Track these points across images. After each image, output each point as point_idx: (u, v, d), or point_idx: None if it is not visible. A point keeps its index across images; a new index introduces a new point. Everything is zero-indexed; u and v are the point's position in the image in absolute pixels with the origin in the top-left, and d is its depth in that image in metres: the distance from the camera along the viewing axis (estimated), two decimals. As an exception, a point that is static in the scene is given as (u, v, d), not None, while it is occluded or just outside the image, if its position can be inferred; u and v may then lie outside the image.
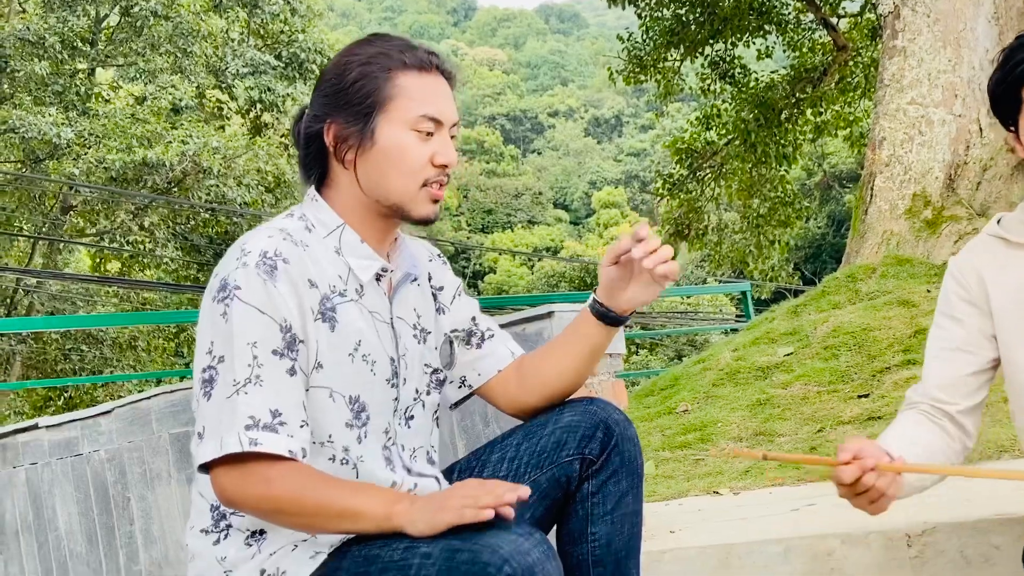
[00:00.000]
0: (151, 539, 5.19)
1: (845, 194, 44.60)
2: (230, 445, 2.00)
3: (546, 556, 1.89)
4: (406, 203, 2.23)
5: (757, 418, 5.85)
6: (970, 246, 2.58)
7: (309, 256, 2.16)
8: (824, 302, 7.50)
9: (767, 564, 3.23)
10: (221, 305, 2.06)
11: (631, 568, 2.42)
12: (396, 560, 1.96)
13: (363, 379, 2.20)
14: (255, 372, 2.03)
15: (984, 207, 8.09)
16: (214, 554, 2.15)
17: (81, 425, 5.52)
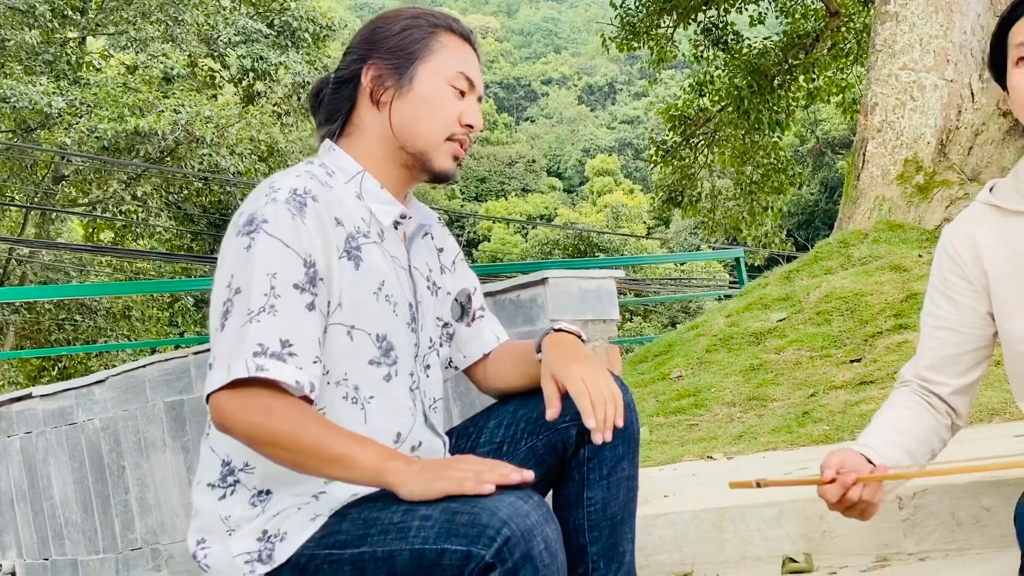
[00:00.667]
0: (146, 507, 5.20)
1: (838, 160, 44.57)
2: (237, 371, 1.98)
3: (545, 519, 1.90)
4: (430, 151, 2.27)
5: (750, 383, 5.87)
6: (963, 215, 2.58)
7: (335, 197, 2.18)
8: (817, 267, 7.52)
9: (760, 527, 3.25)
10: (246, 239, 2.06)
11: (626, 532, 2.43)
12: (396, 522, 1.96)
13: (388, 319, 2.21)
14: (270, 302, 2.03)
15: (976, 172, 8.08)
16: (218, 512, 2.15)
17: (75, 394, 5.52)
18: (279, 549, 2.08)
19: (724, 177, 22.03)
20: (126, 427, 5.24)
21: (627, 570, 2.44)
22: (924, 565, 2.91)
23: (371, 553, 1.98)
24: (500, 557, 1.85)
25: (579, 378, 2.19)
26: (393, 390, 2.22)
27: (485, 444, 2.46)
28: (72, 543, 5.64)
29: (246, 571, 2.10)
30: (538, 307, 3.72)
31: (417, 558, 1.92)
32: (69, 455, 5.58)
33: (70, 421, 5.55)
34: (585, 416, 2.15)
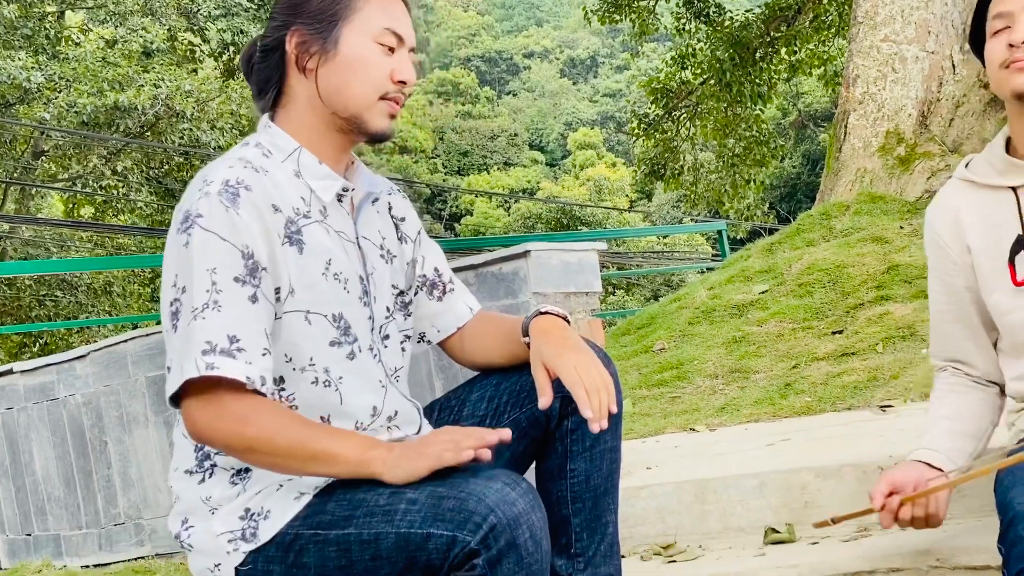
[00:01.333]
0: (129, 482, 5.20)
1: (820, 133, 44.58)
2: (188, 371, 1.99)
3: (531, 507, 1.91)
4: (363, 113, 2.22)
5: (733, 355, 5.88)
6: (942, 192, 2.60)
7: (271, 181, 2.15)
8: (799, 239, 7.52)
9: (742, 498, 3.26)
10: (184, 236, 2.05)
11: (610, 504, 2.45)
12: (382, 505, 1.97)
13: (340, 297, 2.20)
14: (213, 297, 2.01)
15: (957, 144, 8.09)
16: (199, 494, 2.15)
17: (56, 369, 5.51)
18: (263, 527, 2.09)
19: (706, 150, 22.02)
20: (108, 402, 5.23)
21: (610, 541, 2.46)
22: (906, 535, 2.92)
23: (357, 535, 1.99)
24: (485, 544, 1.87)
25: (572, 367, 2.20)
26: (359, 367, 2.22)
27: (468, 417, 2.47)
28: (55, 518, 5.63)
29: (229, 549, 2.10)
30: (520, 280, 3.72)
31: (403, 541, 1.93)
32: (51, 430, 5.57)
33: (51, 396, 5.53)
34: (581, 406, 2.15)
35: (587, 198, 47.07)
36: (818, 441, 3.84)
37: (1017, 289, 2.41)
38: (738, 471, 3.36)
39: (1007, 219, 2.43)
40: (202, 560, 2.15)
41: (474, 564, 1.88)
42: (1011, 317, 2.43)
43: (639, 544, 3.36)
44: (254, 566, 2.09)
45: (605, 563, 2.44)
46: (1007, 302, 2.43)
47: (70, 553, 5.56)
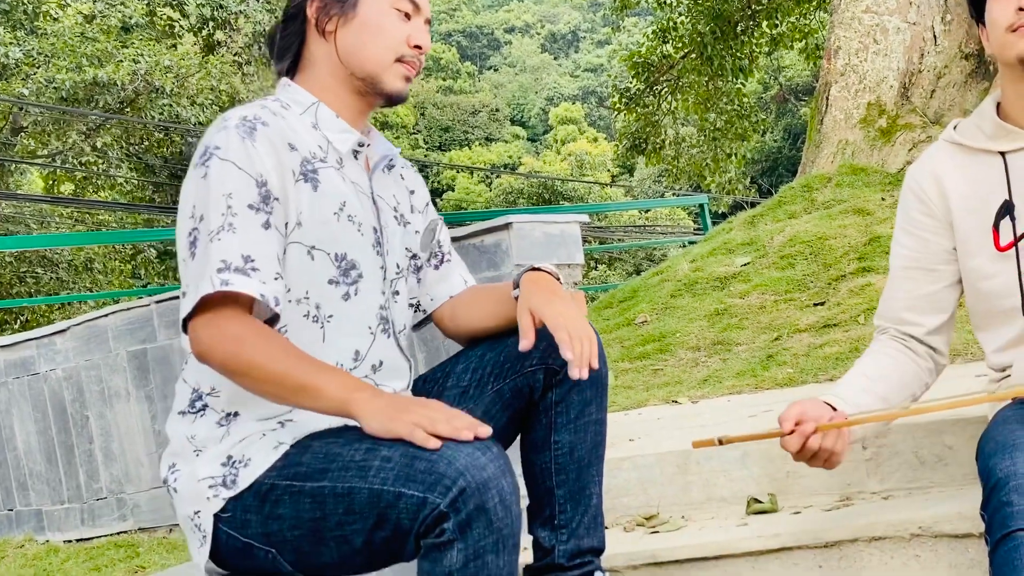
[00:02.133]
0: (111, 457, 5.19)
1: (801, 107, 44.59)
2: (204, 288, 2.02)
3: (501, 472, 1.91)
4: (380, 74, 2.29)
5: (715, 328, 5.89)
6: (927, 153, 2.59)
7: (287, 124, 2.22)
8: (780, 212, 7.53)
9: (724, 469, 3.27)
10: (203, 168, 2.11)
11: (594, 475, 2.46)
12: (357, 460, 1.98)
13: (351, 239, 2.23)
14: (228, 220, 2.06)
15: (938, 115, 8.11)
16: (185, 433, 2.19)
17: (37, 344, 5.50)
18: (243, 475, 2.11)
19: (687, 124, 22.01)
20: (89, 377, 5.22)
21: (594, 512, 2.47)
22: (888, 503, 2.93)
23: (331, 488, 2.00)
24: (454, 507, 1.87)
25: (558, 313, 2.22)
26: (351, 309, 2.25)
27: (452, 388, 2.48)
28: (36, 493, 5.63)
29: (210, 495, 2.12)
30: (502, 252, 3.72)
31: (375, 498, 1.94)
32: (32, 405, 5.56)
33: (32, 371, 5.52)
34: (563, 347, 2.17)
35: (569, 173, 47.07)
36: (800, 412, 3.84)
37: (999, 255, 2.40)
38: (721, 443, 3.36)
39: (994, 184, 2.42)
40: (185, 506, 2.18)
41: (443, 528, 1.89)
42: (990, 283, 2.42)
43: (622, 515, 3.37)
44: (233, 514, 2.11)
45: (589, 534, 2.46)
46: (988, 267, 2.42)
47: (52, 528, 5.56)
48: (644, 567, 2.95)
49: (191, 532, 2.18)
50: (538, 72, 74.81)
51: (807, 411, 2.33)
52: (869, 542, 2.72)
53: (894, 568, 2.69)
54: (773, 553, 2.82)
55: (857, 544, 2.73)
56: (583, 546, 2.45)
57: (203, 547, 2.16)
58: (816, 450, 2.32)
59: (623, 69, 21.56)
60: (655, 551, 2.94)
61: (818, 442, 2.31)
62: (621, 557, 2.95)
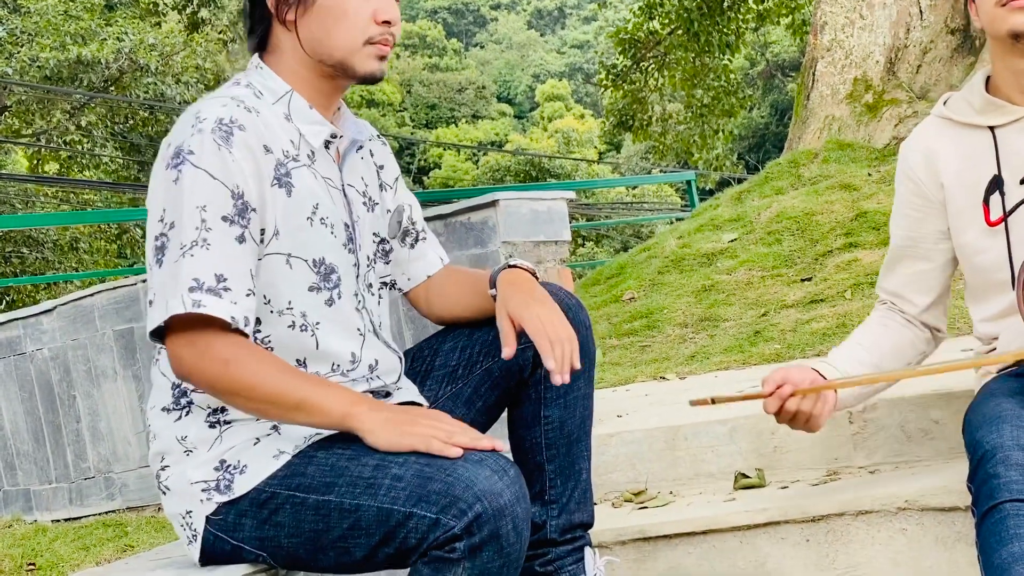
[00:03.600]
0: (98, 436, 5.19)
1: (788, 83, 44.60)
2: (174, 307, 1.97)
3: (517, 498, 1.91)
4: (350, 59, 2.19)
5: (702, 304, 5.90)
6: (918, 130, 2.60)
7: (262, 122, 2.13)
8: (767, 188, 7.54)
9: (712, 444, 3.28)
10: (174, 171, 2.03)
11: (583, 451, 2.46)
12: (365, 477, 1.96)
13: (325, 242, 2.18)
14: (202, 235, 2.00)
15: (924, 90, 8.11)
16: (174, 433, 2.14)
17: (23, 324, 5.49)
18: (238, 481, 2.09)
19: (674, 101, 21.97)
20: (76, 356, 5.21)
21: (584, 487, 2.47)
22: (874, 478, 2.95)
23: (337, 503, 1.98)
24: (468, 531, 1.87)
25: (536, 318, 2.19)
26: (338, 313, 2.21)
27: (440, 367, 2.47)
28: (24, 473, 5.63)
29: (203, 498, 2.10)
30: (489, 229, 3.72)
31: (384, 516, 1.93)
32: (19, 385, 5.55)
33: (18, 351, 5.52)
34: (544, 357, 2.15)
35: (555, 150, 47.01)
36: (788, 387, 3.86)
37: (989, 229, 2.41)
38: (708, 418, 3.37)
39: (983, 159, 2.43)
40: (175, 504, 2.15)
41: (454, 547, 1.88)
42: (981, 258, 2.44)
43: (610, 491, 3.38)
44: (225, 517, 2.09)
45: (579, 509, 2.46)
46: (978, 242, 2.43)
47: (40, 508, 5.56)
48: (632, 543, 2.96)
49: (181, 530, 2.17)
50: (524, 49, 74.68)
51: (790, 376, 2.38)
52: (856, 516, 2.73)
53: (881, 542, 2.71)
54: (761, 528, 2.83)
55: (844, 518, 2.75)
56: (574, 520, 2.45)
57: (193, 544, 2.15)
58: (794, 412, 2.38)
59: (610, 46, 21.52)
60: (643, 527, 2.95)
61: (796, 404, 2.37)
62: (609, 533, 2.96)
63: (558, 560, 2.44)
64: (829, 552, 2.76)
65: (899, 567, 2.69)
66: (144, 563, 2.44)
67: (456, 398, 2.46)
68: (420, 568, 1.94)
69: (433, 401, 2.44)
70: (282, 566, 2.14)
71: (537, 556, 2.43)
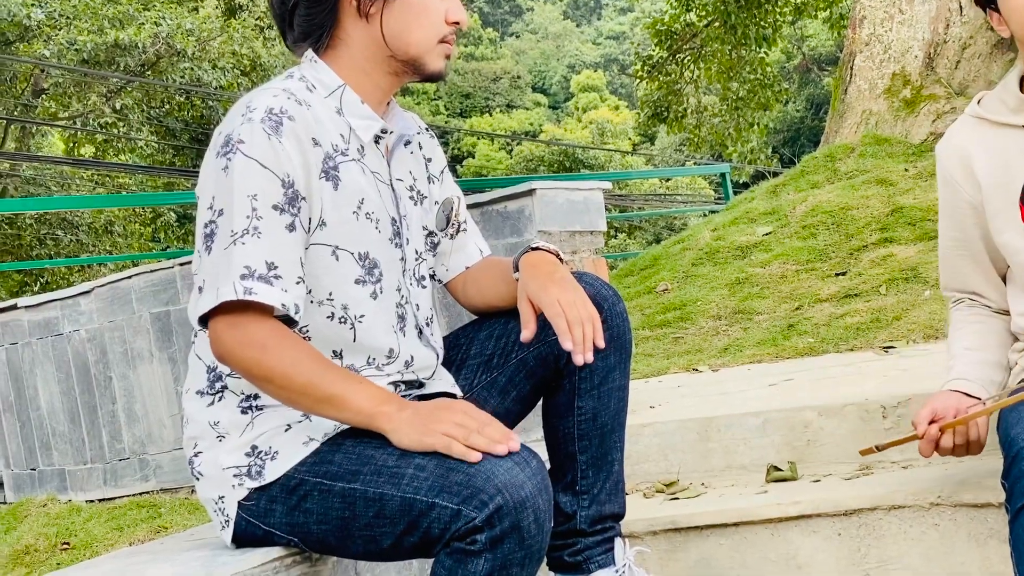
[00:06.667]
0: (134, 417, 5.23)
1: (824, 77, 44.36)
2: (226, 294, 1.99)
3: (538, 490, 1.91)
4: (423, 56, 2.24)
5: (736, 296, 5.89)
6: (952, 130, 2.59)
7: (312, 115, 2.15)
8: (803, 181, 7.51)
9: (745, 436, 3.28)
10: (223, 159, 2.06)
11: (616, 442, 2.46)
12: (390, 466, 1.98)
13: (369, 237, 2.20)
14: (253, 223, 2.02)
15: (963, 86, 8.06)
16: (207, 418, 2.16)
17: (61, 305, 5.53)
18: (269, 468, 2.11)
19: (709, 93, 21.90)
20: (112, 338, 5.25)
21: (616, 478, 2.47)
22: (907, 473, 2.94)
23: (362, 491, 2.00)
24: (489, 522, 1.88)
25: (555, 300, 2.19)
26: (381, 308, 2.22)
27: (476, 356, 2.47)
28: (59, 453, 5.67)
29: (235, 483, 2.13)
30: (525, 218, 3.72)
31: (407, 506, 1.95)
32: (56, 366, 5.60)
33: (56, 332, 5.56)
34: (562, 338, 2.16)
35: (590, 141, 46.87)
36: (821, 381, 3.86)
37: None
38: (741, 410, 3.38)
39: (1018, 158, 2.41)
40: (209, 490, 2.18)
41: (475, 539, 1.89)
42: (1020, 257, 2.42)
43: (642, 481, 3.38)
44: (257, 503, 2.12)
45: (610, 500, 2.45)
46: (1016, 242, 2.42)
47: (75, 488, 5.61)
48: (664, 533, 2.97)
49: (214, 514, 2.19)
50: (560, 39, 74.47)
51: (936, 408, 2.39)
52: (888, 511, 2.73)
53: (913, 537, 2.70)
54: (792, 520, 2.84)
55: (876, 513, 2.75)
56: (604, 512, 2.45)
57: (226, 529, 2.17)
58: (951, 448, 2.38)
59: (646, 37, 21.45)
60: (675, 517, 2.96)
61: (951, 441, 2.37)
62: (641, 523, 2.97)
63: (587, 550, 2.44)
64: (861, 546, 2.76)
65: (931, 563, 2.69)
66: (179, 544, 2.45)
67: (491, 387, 2.46)
68: (443, 559, 1.95)
69: (468, 390, 2.44)
70: (315, 552, 2.16)
71: (566, 546, 2.44)
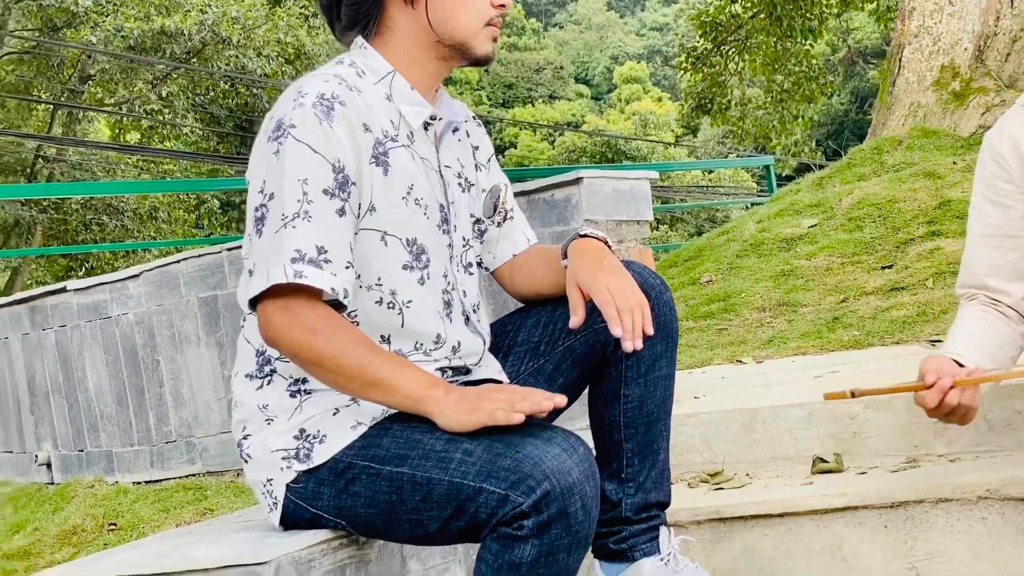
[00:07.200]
0: (181, 401, 5.27)
1: (869, 70, 44.03)
2: (276, 276, 2.00)
3: (586, 476, 1.91)
4: (470, 39, 2.24)
5: (781, 288, 5.87)
6: (1004, 118, 2.57)
7: (363, 101, 2.16)
8: (849, 174, 7.47)
9: (790, 428, 3.27)
10: (275, 144, 2.07)
11: (662, 430, 2.45)
12: (438, 450, 1.99)
13: (418, 223, 2.20)
14: (304, 207, 2.04)
15: (1012, 79, 7.99)
16: (256, 401, 2.18)
17: (110, 289, 5.57)
18: (317, 451, 2.12)
19: (753, 85, 21.79)
20: (160, 322, 5.29)
21: (661, 467, 2.46)
22: (954, 466, 2.93)
23: (410, 475, 2.01)
24: (536, 508, 1.88)
25: (604, 287, 2.18)
26: (428, 293, 2.23)
27: (523, 343, 2.47)
28: (107, 435, 5.72)
29: (283, 466, 2.14)
30: (572, 207, 3.73)
31: (454, 490, 1.95)
32: (104, 349, 5.64)
33: (104, 315, 5.61)
34: (611, 324, 2.14)
35: (632, 132, 46.76)
36: (867, 373, 3.84)
37: None
38: (786, 401, 3.36)
39: None
40: (257, 473, 2.19)
41: (522, 524, 1.89)
42: None
43: (686, 471, 3.38)
44: (305, 486, 2.13)
45: (656, 489, 2.45)
46: None
47: (121, 469, 5.66)
48: (708, 523, 2.97)
49: (263, 497, 2.21)
50: (603, 30, 74.31)
51: (942, 367, 2.35)
52: (935, 503, 2.72)
53: (960, 530, 2.69)
54: (838, 512, 2.83)
55: (923, 505, 2.73)
56: (650, 500, 2.44)
57: (274, 512, 2.19)
58: (954, 406, 2.34)
59: (689, 28, 21.37)
60: (719, 507, 2.96)
61: (956, 398, 2.33)
62: (685, 512, 2.97)
63: (632, 538, 2.43)
64: (907, 539, 2.75)
65: (978, 556, 2.67)
66: (225, 525, 2.47)
67: (537, 374, 2.45)
68: (489, 544, 1.96)
69: (514, 377, 2.44)
70: (362, 535, 2.18)
71: (612, 534, 2.43)
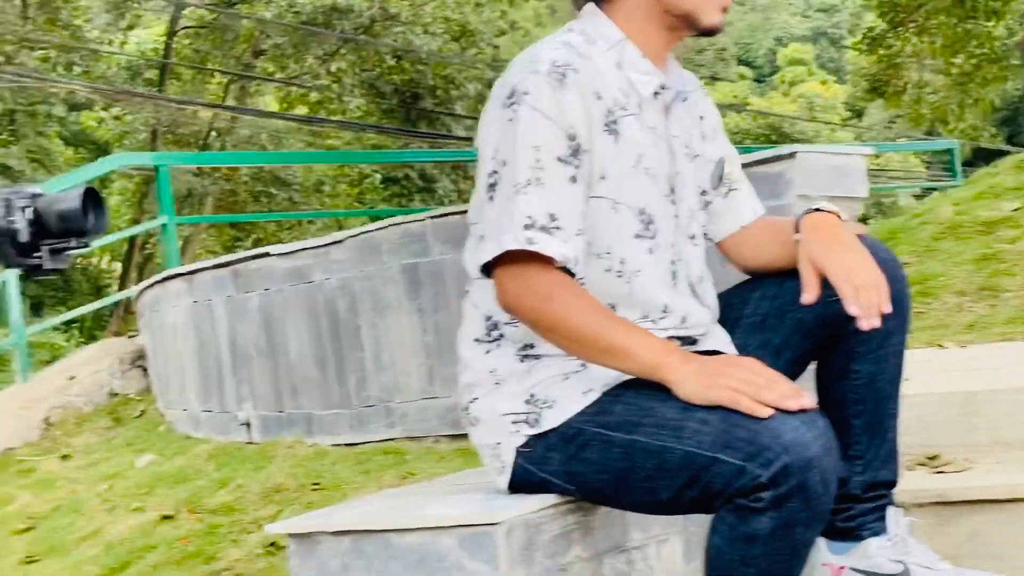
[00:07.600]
0: (381, 366, 5.36)
1: (1048, 55, 42.56)
2: (508, 243, 2.03)
3: (825, 450, 1.89)
4: (697, 9, 2.21)
5: (982, 273, 5.71)
6: None
7: (594, 68, 2.16)
8: (1051, 156, 7.26)
9: (1011, 412, 3.19)
10: (508, 111, 2.09)
11: (891, 409, 2.41)
12: (671, 419, 1.98)
13: (648, 192, 2.20)
14: (536, 175, 2.05)
15: None
16: (485, 365, 2.20)
17: (313, 254, 5.69)
18: (546, 416, 2.13)
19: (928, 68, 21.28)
20: (362, 288, 5.38)
21: (890, 447, 2.43)
22: None
23: (643, 444, 2.01)
24: (775, 481, 1.86)
25: (839, 264, 2.16)
26: (657, 263, 2.22)
27: (751, 316, 2.43)
28: (307, 397, 5.84)
29: (512, 430, 2.16)
30: (785, 182, 3.70)
31: (688, 460, 1.95)
32: (306, 312, 5.77)
33: (307, 280, 5.72)
34: (847, 303, 2.12)
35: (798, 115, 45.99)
36: (1092, 359, 3.74)
37: None
38: (1005, 385, 3.29)
39: None
40: (485, 436, 2.22)
41: (760, 497, 1.88)
42: None
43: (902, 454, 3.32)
44: (534, 450, 2.15)
45: (884, 468, 2.42)
46: None
47: (321, 432, 5.77)
48: (930, 506, 2.91)
49: (490, 460, 2.23)
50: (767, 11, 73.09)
51: None
52: None
53: None
54: (1071, 500, 2.76)
55: None
56: (879, 478, 2.41)
57: (502, 475, 2.20)
58: None
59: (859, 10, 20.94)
60: (942, 490, 2.91)
61: None
62: (906, 494, 2.91)
63: (860, 517, 2.40)
64: None
65: None
66: (448, 487, 2.50)
67: (765, 347, 2.40)
68: (724, 515, 1.95)
69: (741, 350, 2.40)
70: (590, 501, 2.19)
71: (839, 511, 2.37)
